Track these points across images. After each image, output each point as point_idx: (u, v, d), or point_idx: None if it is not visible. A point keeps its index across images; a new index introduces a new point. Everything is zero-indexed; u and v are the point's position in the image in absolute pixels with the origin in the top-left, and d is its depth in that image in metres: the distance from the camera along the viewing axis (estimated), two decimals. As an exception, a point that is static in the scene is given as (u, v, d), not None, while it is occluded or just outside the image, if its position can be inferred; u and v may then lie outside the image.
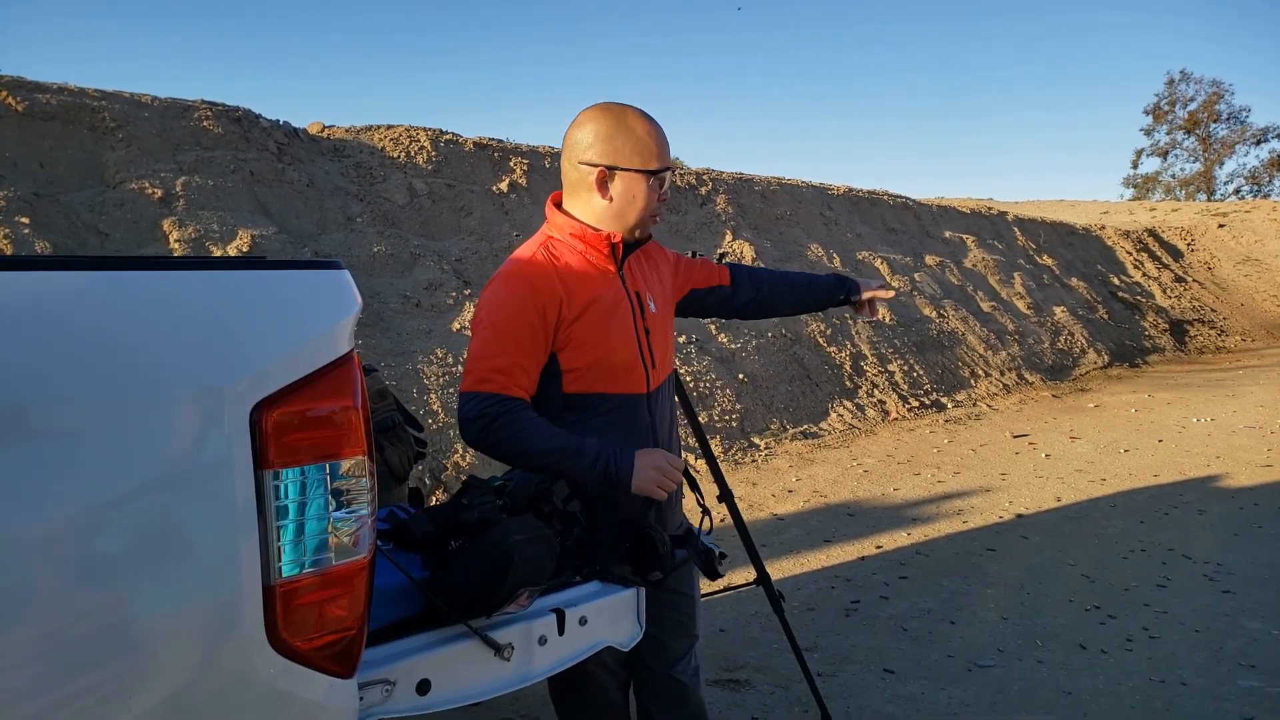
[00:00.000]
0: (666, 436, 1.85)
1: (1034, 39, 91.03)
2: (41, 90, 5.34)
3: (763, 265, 9.04)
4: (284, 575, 1.06)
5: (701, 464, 5.76)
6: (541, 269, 1.69)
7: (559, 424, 1.68)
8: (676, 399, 2.06)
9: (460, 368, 5.72)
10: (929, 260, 11.75)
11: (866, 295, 2.24)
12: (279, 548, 1.05)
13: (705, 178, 9.79)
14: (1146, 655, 3.21)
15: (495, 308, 1.67)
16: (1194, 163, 41.48)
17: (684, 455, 1.98)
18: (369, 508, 1.15)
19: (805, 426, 7.38)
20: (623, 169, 1.71)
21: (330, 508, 1.10)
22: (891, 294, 2.27)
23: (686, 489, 1.95)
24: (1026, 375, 10.42)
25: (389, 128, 7.38)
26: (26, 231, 4.66)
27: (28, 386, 0.92)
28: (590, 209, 1.75)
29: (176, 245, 5.24)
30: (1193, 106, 40.60)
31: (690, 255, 2.11)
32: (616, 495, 1.67)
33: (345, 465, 1.11)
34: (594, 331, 1.69)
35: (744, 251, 9.08)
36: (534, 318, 1.65)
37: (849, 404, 8.07)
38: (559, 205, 1.81)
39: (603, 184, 1.73)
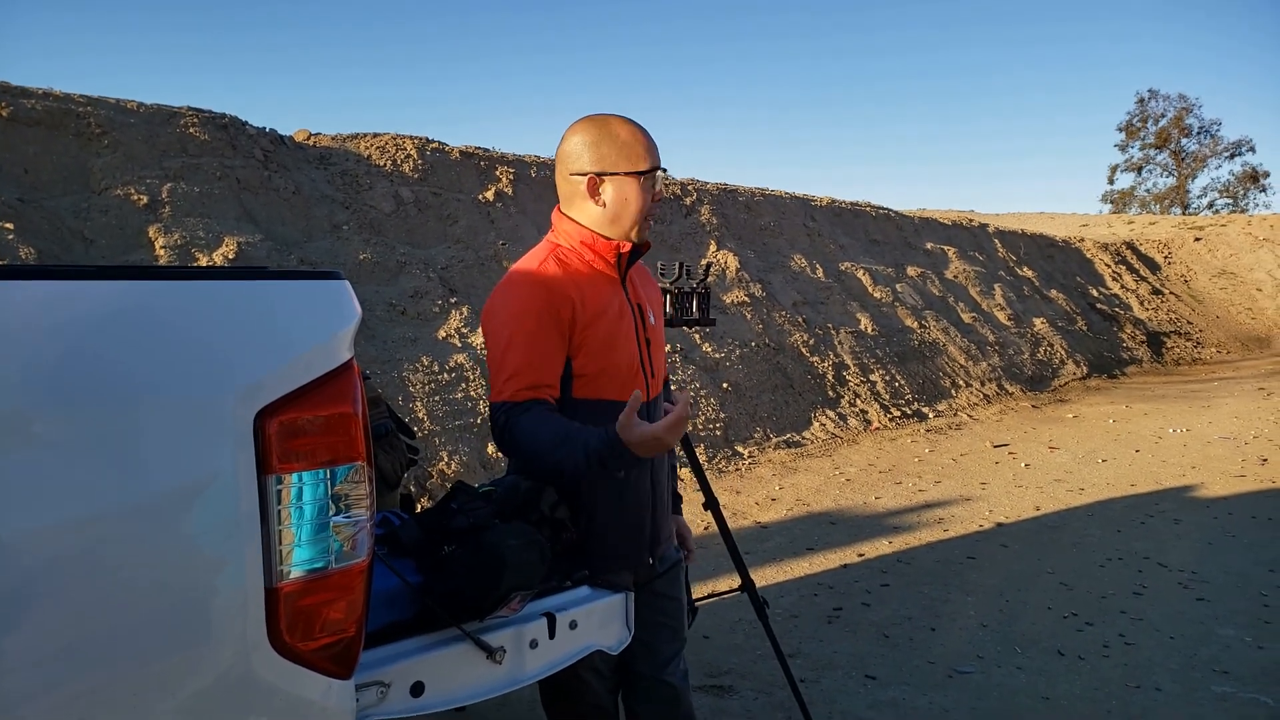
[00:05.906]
0: None
1: (1016, 51, 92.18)
2: (27, 95, 5.32)
3: (749, 280, 9.10)
4: (285, 578, 1.08)
5: (687, 472, 5.79)
6: (554, 274, 1.70)
7: None
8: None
9: (445, 375, 5.73)
10: (911, 271, 11.87)
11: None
12: (281, 551, 1.08)
13: (690, 188, 9.86)
14: (1123, 662, 3.27)
15: (508, 310, 1.68)
16: (1167, 177, 42.08)
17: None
18: (368, 512, 1.17)
19: (788, 435, 7.43)
20: (611, 173, 1.73)
21: (331, 512, 1.13)
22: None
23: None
24: (1007, 386, 10.53)
25: (375, 136, 7.39)
26: (11, 237, 4.64)
27: (36, 393, 0.95)
28: (587, 218, 1.77)
29: (162, 252, 5.23)
30: (1163, 123, 41.17)
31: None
32: (624, 465, 1.55)
33: (345, 471, 1.14)
34: (603, 338, 1.71)
35: (728, 262, 9.14)
36: (549, 319, 1.65)
37: (831, 413, 8.13)
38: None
39: (594, 190, 1.74)
